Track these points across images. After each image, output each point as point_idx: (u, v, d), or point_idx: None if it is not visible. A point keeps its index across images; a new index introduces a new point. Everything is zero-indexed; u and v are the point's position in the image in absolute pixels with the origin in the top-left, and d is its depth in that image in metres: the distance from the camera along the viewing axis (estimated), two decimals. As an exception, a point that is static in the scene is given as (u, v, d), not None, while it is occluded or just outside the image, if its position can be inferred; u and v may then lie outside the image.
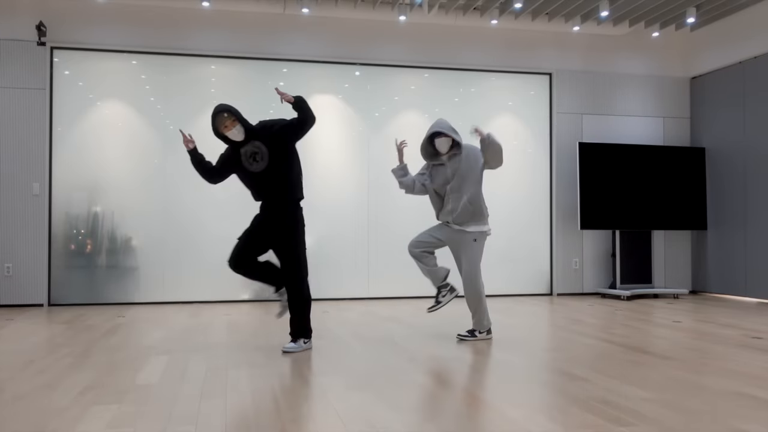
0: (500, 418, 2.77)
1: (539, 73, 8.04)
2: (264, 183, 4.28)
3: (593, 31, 8.04)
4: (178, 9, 7.15)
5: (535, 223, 7.99)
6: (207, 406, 2.94)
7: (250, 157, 4.22)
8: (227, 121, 4.15)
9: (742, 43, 7.56)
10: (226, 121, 4.15)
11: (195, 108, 7.21)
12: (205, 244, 7.13)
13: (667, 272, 8.26)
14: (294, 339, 4.32)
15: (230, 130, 4.16)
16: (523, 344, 4.59)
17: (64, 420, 2.72)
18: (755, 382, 3.41)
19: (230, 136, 4.19)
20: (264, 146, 4.20)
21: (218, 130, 4.19)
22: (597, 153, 7.82)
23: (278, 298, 4.47)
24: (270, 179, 4.26)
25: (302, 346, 4.30)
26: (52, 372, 3.64)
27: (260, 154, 4.21)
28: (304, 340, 4.33)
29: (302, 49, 7.42)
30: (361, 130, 7.54)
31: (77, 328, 5.30)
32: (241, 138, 4.19)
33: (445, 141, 4.75)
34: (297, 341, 4.30)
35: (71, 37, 6.92)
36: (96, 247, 6.96)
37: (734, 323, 5.63)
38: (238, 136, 4.18)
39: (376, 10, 7.45)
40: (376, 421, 2.71)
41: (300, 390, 3.26)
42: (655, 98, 8.32)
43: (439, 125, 4.76)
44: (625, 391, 3.22)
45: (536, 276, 7.98)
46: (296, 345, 4.28)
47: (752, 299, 7.46)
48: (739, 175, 7.70)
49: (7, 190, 6.73)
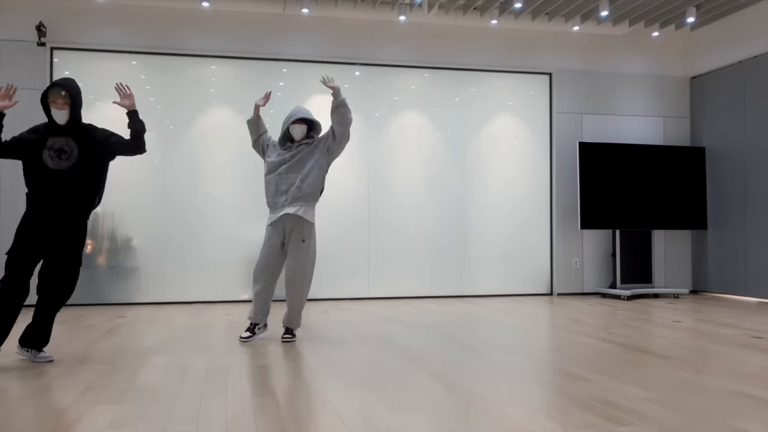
0: (500, 418, 2.77)
1: (539, 73, 8.04)
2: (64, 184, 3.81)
3: (593, 30, 8.04)
4: (178, 9, 7.15)
5: (535, 222, 7.99)
6: (207, 406, 2.94)
7: (56, 153, 3.78)
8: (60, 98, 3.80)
9: (742, 43, 7.56)
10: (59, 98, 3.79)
11: (195, 108, 7.21)
12: (206, 244, 7.13)
13: (667, 272, 8.26)
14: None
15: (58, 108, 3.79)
16: (523, 344, 4.59)
17: (64, 420, 2.72)
18: (755, 382, 3.41)
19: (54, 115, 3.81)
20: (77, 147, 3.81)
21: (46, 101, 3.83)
22: (597, 153, 7.82)
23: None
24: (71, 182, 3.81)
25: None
26: (52, 372, 3.64)
27: (68, 154, 3.79)
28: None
29: (302, 49, 7.42)
30: (361, 130, 7.54)
31: (77, 328, 5.29)
32: (63, 122, 3.81)
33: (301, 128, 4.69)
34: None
35: (71, 37, 6.92)
36: (96, 247, 6.96)
37: (734, 323, 5.63)
38: (60, 118, 3.82)
39: (376, 10, 7.45)
40: (376, 421, 2.71)
41: (300, 390, 3.26)
42: (655, 98, 8.32)
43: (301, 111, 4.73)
44: (625, 391, 3.22)
45: (536, 276, 7.98)
46: None
47: (752, 299, 7.46)
48: (739, 175, 7.70)
49: (7, 190, 6.73)
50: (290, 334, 4.70)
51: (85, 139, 3.89)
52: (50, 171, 3.80)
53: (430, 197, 7.73)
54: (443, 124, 7.79)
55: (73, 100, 3.85)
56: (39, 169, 3.82)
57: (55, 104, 3.83)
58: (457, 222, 7.79)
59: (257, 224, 7.34)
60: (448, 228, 7.76)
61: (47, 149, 3.81)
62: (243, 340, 4.62)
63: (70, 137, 3.85)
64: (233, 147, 7.22)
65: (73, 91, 3.86)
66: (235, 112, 7.30)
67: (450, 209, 7.77)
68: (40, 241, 3.82)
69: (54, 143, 3.81)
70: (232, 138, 7.23)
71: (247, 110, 7.53)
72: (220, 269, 7.19)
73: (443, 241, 7.73)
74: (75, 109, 3.85)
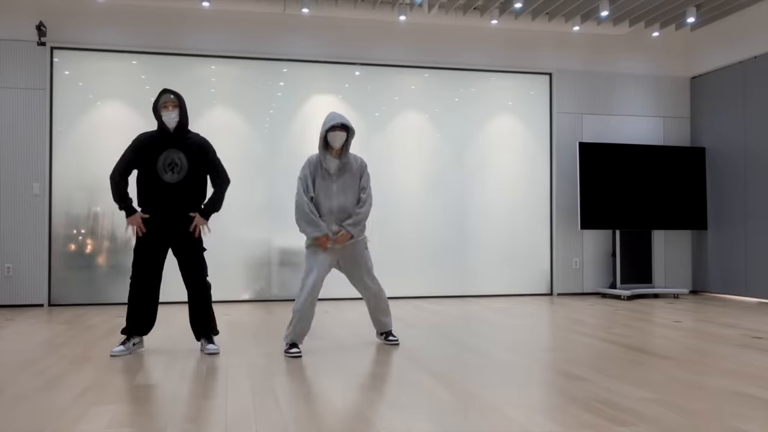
0: (500, 418, 2.77)
1: (539, 73, 8.04)
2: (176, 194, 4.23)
3: (593, 31, 8.04)
4: (178, 9, 7.15)
5: (535, 222, 7.99)
6: (207, 406, 2.94)
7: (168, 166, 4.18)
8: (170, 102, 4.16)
9: (742, 43, 7.56)
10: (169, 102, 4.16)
11: (195, 108, 7.20)
12: (206, 244, 7.11)
13: (667, 272, 8.26)
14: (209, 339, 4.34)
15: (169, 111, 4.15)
16: (523, 344, 4.59)
17: (64, 420, 2.72)
18: (755, 382, 3.41)
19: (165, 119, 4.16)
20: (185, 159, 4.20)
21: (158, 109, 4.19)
22: (597, 153, 7.82)
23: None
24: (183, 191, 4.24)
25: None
26: (52, 372, 3.64)
27: (180, 166, 4.20)
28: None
29: (302, 49, 7.42)
30: (361, 130, 7.54)
31: (77, 328, 5.30)
32: (173, 126, 4.17)
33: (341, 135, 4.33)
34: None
35: (71, 37, 6.93)
36: (96, 247, 6.96)
37: (734, 323, 5.63)
38: (171, 121, 4.18)
39: (376, 10, 7.45)
40: (376, 421, 2.71)
41: (300, 390, 3.26)
42: (655, 98, 8.32)
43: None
44: (625, 391, 3.22)
45: (536, 276, 7.98)
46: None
47: (752, 299, 7.46)
48: (739, 175, 7.70)
49: (7, 190, 6.73)
50: None
51: (194, 152, 4.23)
52: (164, 183, 4.18)
53: (430, 197, 7.73)
54: (443, 124, 7.79)
55: (181, 104, 4.18)
56: (153, 181, 4.18)
57: (165, 108, 4.14)
58: (457, 221, 7.79)
59: (257, 224, 7.35)
60: (447, 227, 7.76)
61: (161, 163, 4.16)
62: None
63: (180, 150, 4.19)
64: (233, 147, 7.22)
65: (180, 97, 4.21)
66: (235, 112, 7.30)
67: (450, 209, 7.77)
68: (160, 244, 4.26)
69: (167, 157, 4.17)
70: (232, 138, 7.23)
71: (247, 110, 7.57)
72: (220, 269, 7.17)
73: (443, 241, 7.73)
74: (183, 111, 4.19)
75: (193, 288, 4.32)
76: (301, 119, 7.44)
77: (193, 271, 4.31)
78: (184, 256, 4.29)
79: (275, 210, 7.33)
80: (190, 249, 4.29)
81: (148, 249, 4.22)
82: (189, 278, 4.32)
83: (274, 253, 7.35)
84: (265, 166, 7.36)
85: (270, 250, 7.33)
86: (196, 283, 4.31)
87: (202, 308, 4.32)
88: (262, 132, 7.37)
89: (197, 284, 4.32)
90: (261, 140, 7.36)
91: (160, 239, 4.24)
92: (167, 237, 4.25)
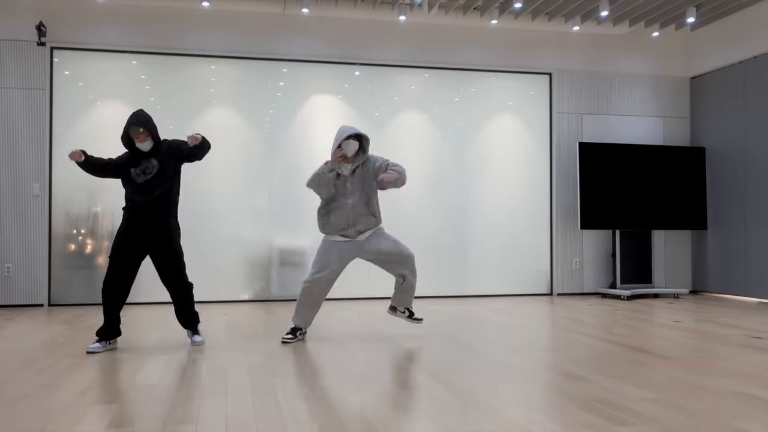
0: (500, 418, 2.77)
1: (539, 73, 8.04)
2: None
3: (593, 31, 8.04)
4: (178, 9, 7.15)
5: (535, 223, 7.99)
6: (207, 406, 2.94)
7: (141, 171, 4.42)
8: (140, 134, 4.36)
9: (742, 43, 7.56)
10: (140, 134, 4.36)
11: (195, 108, 7.21)
12: (206, 244, 7.13)
13: (667, 272, 8.26)
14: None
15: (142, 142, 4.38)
16: (523, 344, 4.59)
17: (64, 420, 2.72)
18: (755, 382, 3.41)
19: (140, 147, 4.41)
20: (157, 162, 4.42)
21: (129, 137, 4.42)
22: (597, 153, 7.82)
23: None
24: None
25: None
26: (52, 372, 3.64)
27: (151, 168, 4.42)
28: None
29: (302, 49, 7.42)
30: (361, 130, 7.53)
31: (77, 328, 5.29)
32: (149, 149, 4.41)
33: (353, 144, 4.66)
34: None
35: (71, 37, 6.92)
36: (96, 247, 6.96)
37: (734, 323, 5.63)
38: (146, 147, 4.41)
39: (376, 10, 7.45)
40: (376, 421, 2.71)
41: (300, 390, 3.26)
42: (655, 98, 8.32)
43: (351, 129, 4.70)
44: (625, 391, 3.22)
45: (536, 276, 7.98)
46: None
47: (752, 299, 7.46)
48: (739, 175, 7.70)
49: (7, 190, 6.73)
50: None
51: (164, 154, 4.45)
52: (137, 184, 4.40)
53: (430, 196, 7.73)
54: (443, 124, 7.79)
55: (150, 131, 4.36)
56: (130, 185, 4.43)
57: (138, 139, 4.36)
58: (457, 221, 7.78)
59: (257, 224, 7.35)
60: (447, 227, 7.76)
61: (135, 171, 4.42)
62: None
63: (152, 158, 4.44)
64: (233, 147, 7.23)
65: (148, 124, 4.36)
66: (235, 112, 7.30)
67: (450, 208, 7.77)
68: (136, 251, 4.40)
69: (141, 165, 4.42)
70: (232, 138, 7.23)
71: (247, 110, 7.57)
72: (219, 269, 7.19)
73: (443, 241, 7.73)
74: (154, 135, 4.39)
75: (173, 290, 4.50)
76: (301, 119, 7.44)
77: (171, 276, 4.47)
78: (161, 262, 4.45)
79: (275, 210, 7.33)
80: (166, 256, 4.43)
81: (123, 256, 4.36)
82: (168, 282, 4.49)
83: (274, 254, 7.35)
84: (265, 166, 7.36)
85: (270, 251, 7.33)
86: (176, 285, 4.48)
87: (185, 307, 4.55)
88: (262, 132, 7.37)
89: (177, 287, 4.49)
90: (261, 140, 7.36)
91: (137, 246, 4.38)
92: (144, 244, 4.39)
